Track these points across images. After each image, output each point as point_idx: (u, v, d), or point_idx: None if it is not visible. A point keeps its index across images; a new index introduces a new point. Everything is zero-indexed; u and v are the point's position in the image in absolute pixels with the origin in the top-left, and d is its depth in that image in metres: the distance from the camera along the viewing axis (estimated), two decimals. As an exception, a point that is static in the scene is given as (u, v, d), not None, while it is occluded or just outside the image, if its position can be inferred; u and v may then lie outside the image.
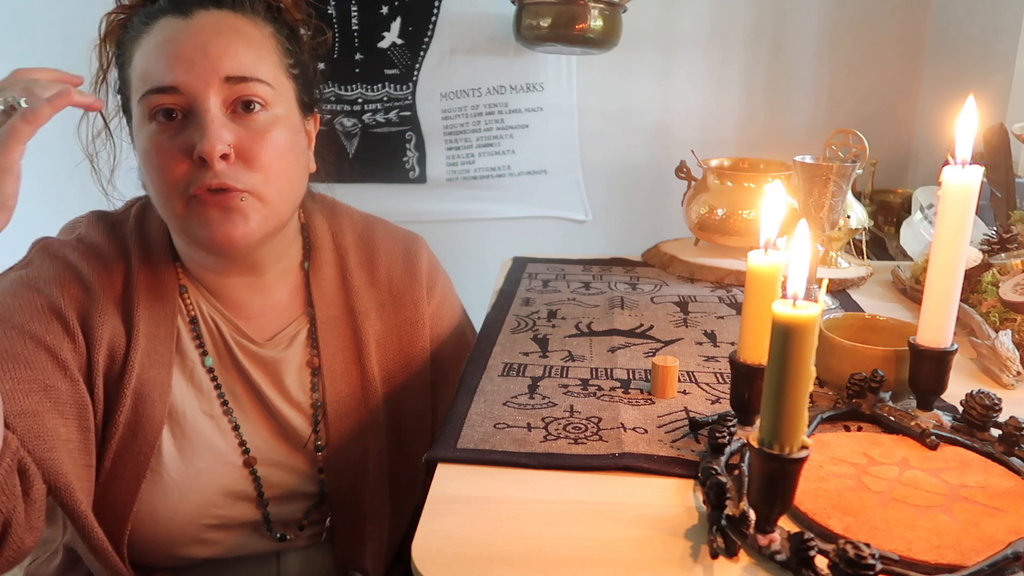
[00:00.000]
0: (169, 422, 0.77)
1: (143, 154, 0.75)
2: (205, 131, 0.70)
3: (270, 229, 0.77)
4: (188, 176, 0.71)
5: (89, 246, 0.80)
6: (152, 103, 0.72)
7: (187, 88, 0.71)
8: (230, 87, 0.72)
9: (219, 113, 0.71)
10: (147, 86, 0.72)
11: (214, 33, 0.73)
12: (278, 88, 0.76)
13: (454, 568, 0.49)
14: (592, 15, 1.72)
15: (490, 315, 0.96)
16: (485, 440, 0.64)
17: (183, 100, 0.71)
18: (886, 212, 1.78)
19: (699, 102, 2.05)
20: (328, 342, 0.85)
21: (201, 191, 0.71)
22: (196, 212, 0.72)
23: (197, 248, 0.79)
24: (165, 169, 0.72)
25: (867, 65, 1.99)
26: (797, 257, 0.48)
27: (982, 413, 0.62)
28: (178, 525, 0.78)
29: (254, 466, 0.81)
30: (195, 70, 0.71)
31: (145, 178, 0.77)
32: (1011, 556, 0.47)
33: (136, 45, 0.75)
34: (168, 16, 0.74)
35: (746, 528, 0.50)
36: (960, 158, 0.59)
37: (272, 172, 0.74)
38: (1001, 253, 0.96)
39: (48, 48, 2.11)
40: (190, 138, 0.71)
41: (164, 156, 0.72)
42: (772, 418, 0.45)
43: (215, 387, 0.81)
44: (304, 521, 0.85)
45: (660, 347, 0.86)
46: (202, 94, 0.71)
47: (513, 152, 2.12)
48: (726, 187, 1.15)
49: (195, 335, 0.80)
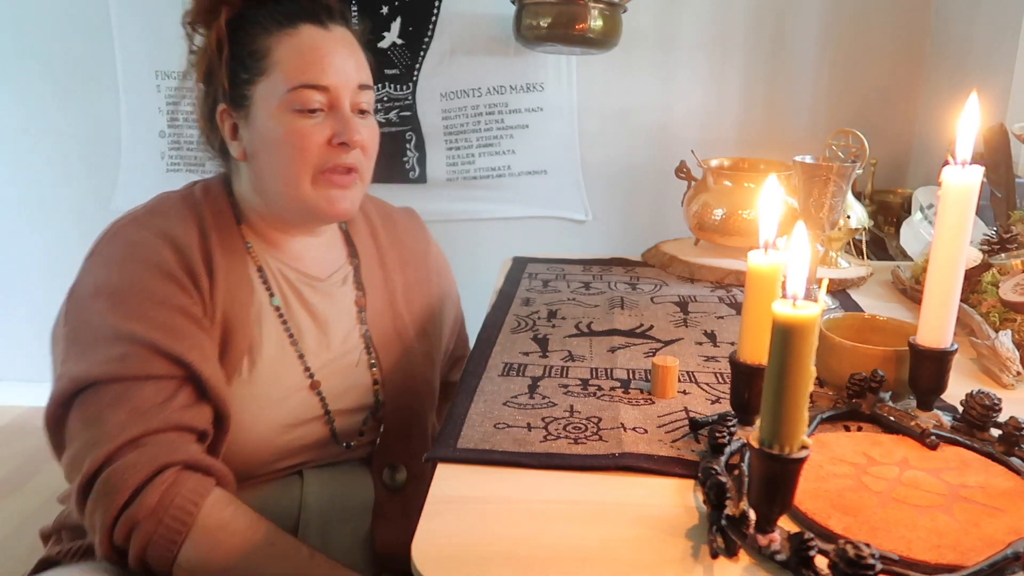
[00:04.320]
0: (248, 352, 0.89)
1: (280, 134, 0.88)
2: (348, 124, 0.88)
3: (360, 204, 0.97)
4: (323, 156, 0.88)
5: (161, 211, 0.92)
6: (305, 96, 0.86)
7: (335, 89, 0.88)
8: (358, 92, 0.90)
9: (350, 111, 0.89)
10: (301, 81, 0.86)
11: (350, 47, 0.91)
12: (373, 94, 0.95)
13: (454, 568, 0.49)
14: (592, 15, 1.72)
15: (490, 315, 0.96)
16: (485, 440, 0.64)
17: (328, 98, 0.88)
18: (886, 212, 1.78)
19: (699, 102, 2.05)
20: (370, 284, 1.03)
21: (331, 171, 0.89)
22: (322, 190, 0.90)
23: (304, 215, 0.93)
24: (306, 149, 0.87)
25: (867, 65, 1.99)
26: (797, 257, 0.48)
27: (982, 413, 0.62)
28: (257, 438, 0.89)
29: (319, 388, 0.94)
30: (342, 75, 0.88)
31: (265, 154, 0.90)
32: (1011, 556, 0.47)
33: (275, 40, 0.88)
34: (310, 24, 0.89)
35: (746, 528, 0.50)
36: (960, 158, 0.59)
37: (372, 160, 0.95)
38: (1001, 253, 0.96)
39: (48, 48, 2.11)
40: (333, 127, 0.88)
41: (307, 139, 0.87)
42: (772, 418, 0.45)
43: (282, 323, 0.93)
44: (363, 428, 0.99)
45: (660, 347, 0.86)
46: (343, 95, 0.88)
47: (513, 152, 2.12)
48: (726, 187, 1.15)
49: (263, 280, 0.94)
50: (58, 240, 2.25)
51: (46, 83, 2.13)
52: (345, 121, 0.88)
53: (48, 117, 2.16)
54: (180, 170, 2.17)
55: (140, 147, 2.16)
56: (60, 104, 2.15)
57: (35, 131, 2.17)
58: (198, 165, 2.16)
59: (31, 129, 2.17)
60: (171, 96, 2.12)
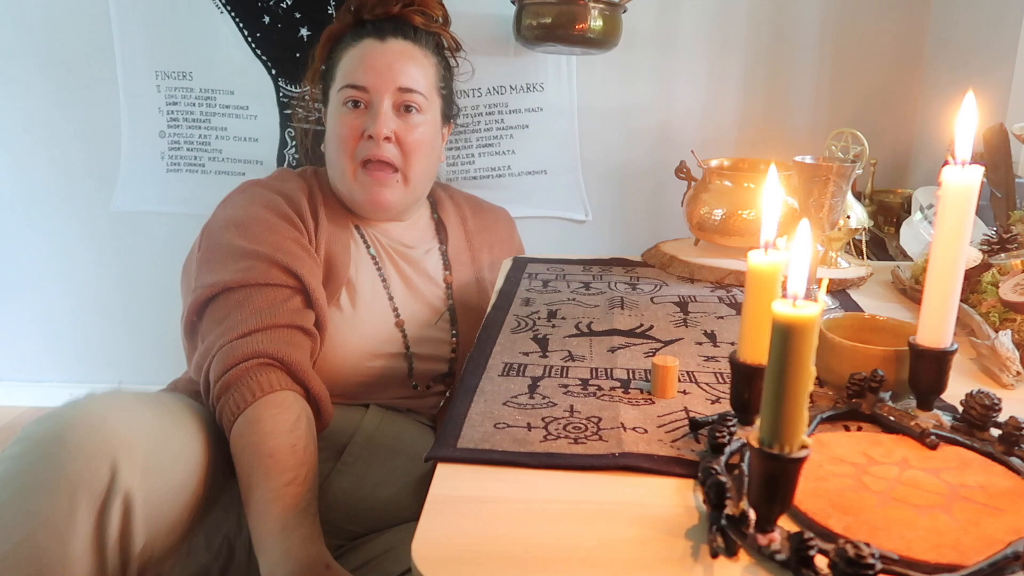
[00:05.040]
0: (347, 286, 1.06)
1: (334, 127, 1.09)
2: (378, 119, 1.05)
3: (409, 202, 1.14)
4: (360, 147, 1.06)
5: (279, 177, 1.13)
6: (348, 94, 1.07)
7: (373, 88, 1.06)
8: (400, 94, 1.07)
9: (389, 109, 1.06)
10: (346, 81, 1.07)
11: (398, 55, 1.08)
12: (430, 100, 1.12)
13: (454, 568, 0.49)
14: (592, 15, 1.72)
15: (490, 315, 0.96)
16: (485, 440, 0.64)
17: (368, 96, 1.07)
18: (886, 212, 1.78)
19: (699, 102, 2.05)
20: (456, 262, 1.19)
21: (367, 159, 1.06)
22: (361, 180, 1.08)
23: (354, 204, 1.12)
24: (346, 139, 1.07)
25: (867, 65, 1.99)
26: (797, 257, 0.48)
27: (982, 413, 0.62)
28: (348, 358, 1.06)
29: (403, 327, 1.11)
30: (381, 78, 1.06)
31: (328, 142, 1.11)
32: (1011, 556, 0.47)
33: (345, 52, 1.11)
34: (371, 38, 1.10)
35: (746, 528, 0.50)
36: (960, 158, 0.59)
37: (415, 155, 1.08)
38: (1001, 253, 0.96)
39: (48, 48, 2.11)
40: (367, 122, 1.06)
41: (347, 130, 1.07)
42: (772, 418, 0.45)
43: (376, 269, 1.11)
44: (431, 382, 1.15)
45: (660, 347, 0.86)
46: (381, 94, 1.06)
47: (513, 152, 2.12)
48: (726, 187, 1.15)
49: (362, 237, 1.13)
50: (58, 240, 2.25)
51: (46, 83, 2.13)
52: (376, 117, 1.05)
53: (48, 117, 2.16)
54: (180, 170, 2.17)
55: (140, 147, 2.16)
56: (60, 104, 2.15)
57: (35, 131, 2.17)
58: (198, 165, 2.16)
59: (31, 129, 2.17)
60: (171, 96, 2.12)
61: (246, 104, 2.09)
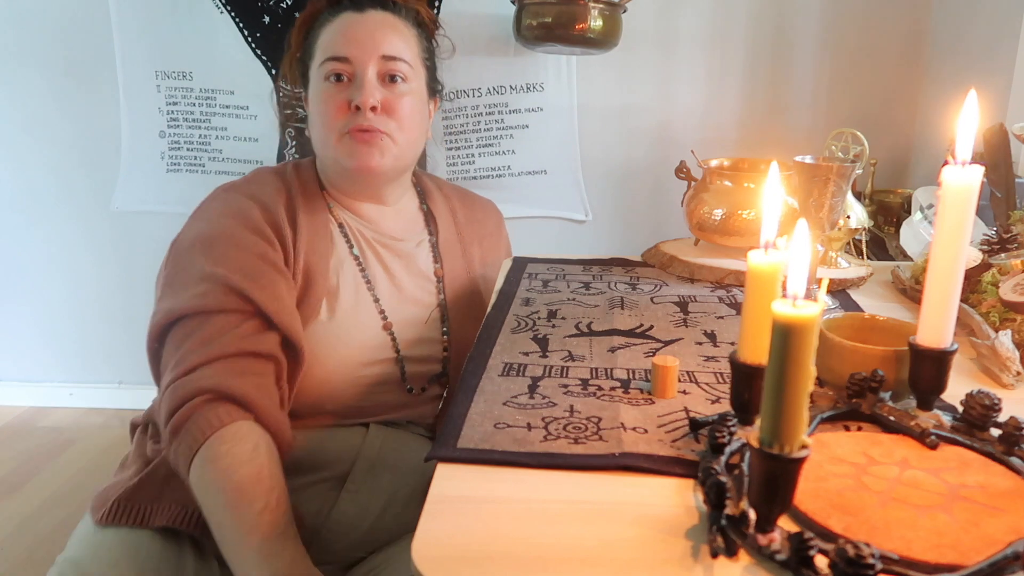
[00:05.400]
0: (327, 295, 1.02)
1: (316, 103, 1.04)
2: (363, 88, 1.00)
3: (398, 167, 1.06)
4: (346, 119, 1.01)
5: (255, 179, 1.08)
6: (330, 68, 1.02)
7: (355, 59, 1.01)
8: (384, 62, 1.02)
9: (373, 78, 1.01)
10: (328, 54, 1.02)
11: (380, 24, 1.04)
12: (415, 69, 1.06)
13: (454, 568, 0.49)
14: (592, 15, 1.72)
15: (490, 315, 0.96)
16: (485, 440, 0.64)
17: (351, 68, 1.01)
18: (886, 212, 1.78)
19: (699, 102, 2.05)
20: (447, 255, 1.14)
21: (353, 131, 1.00)
22: (347, 145, 1.01)
23: (343, 174, 1.06)
24: (330, 113, 1.01)
25: (867, 65, 1.99)
26: (797, 257, 0.48)
27: (982, 413, 0.62)
28: (337, 370, 1.01)
29: (391, 330, 1.06)
30: (363, 48, 1.01)
31: (312, 122, 1.06)
32: (1011, 556, 0.47)
33: (323, 29, 1.05)
34: (349, 11, 1.05)
35: (746, 528, 0.50)
36: (960, 158, 0.59)
37: (404, 123, 1.03)
38: (1001, 253, 0.96)
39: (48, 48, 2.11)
40: (352, 94, 1.01)
41: (332, 104, 1.01)
42: (772, 418, 0.45)
43: (360, 270, 1.06)
44: (427, 385, 1.10)
45: (660, 347, 0.86)
46: (365, 64, 1.01)
47: (513, 152, 2.12)
48: (726, 187, 1.15)
49: (343, 235, 1.07)
50: (58, 240, 2.25)
51: (46, 83, 2.13)
52: (361, 87, 1.00)
53: (48, 117, 2.16)
54: (180, 170, 2.17)
55: (140, 147, 2.16)
56: (60, 104, 2.15)
57: (35, 131, 2.18)
58: (198, 165, 2.16)
59: (31, 129, 2.18)
60: (171, 96, 2.12)
61: (246, 104, 2.09)
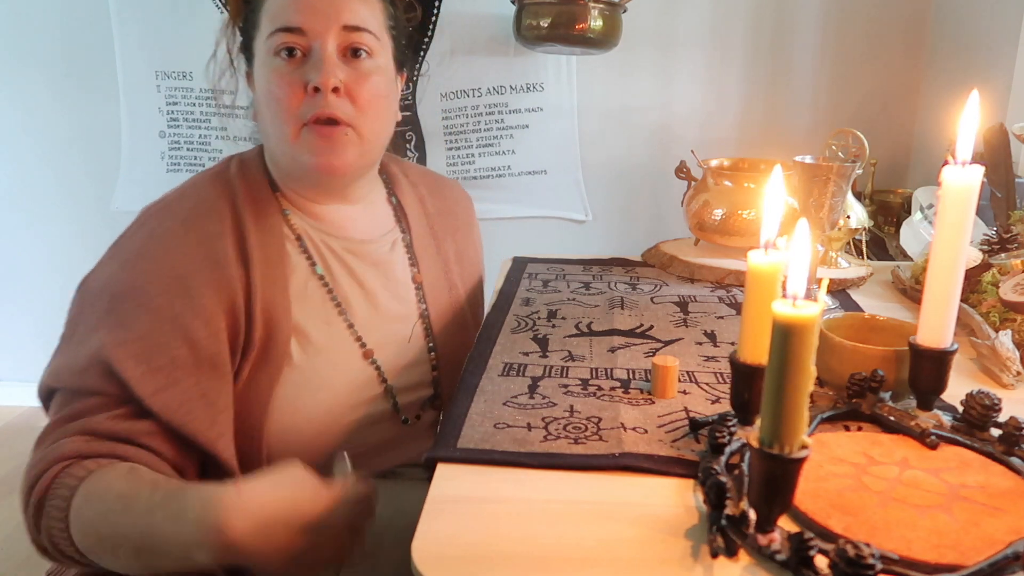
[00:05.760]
0: (295, 333, 0.86)
1: (265, 84, 0.86)
2: (323, 66, 0.83)
3: (364, 163, 0.90)
4: (304, 105, 0.84)
5: (192, 194, 0.88)
6: (279, 40, 0.84)
7: (311, 30, 0.84)
8: (345, 34, 0.85)
9: (334, 54, 0.84)
10: (277, 24, 0.84)
11: None
12: (382, 41, 0.89)
13: (454, 568, 0.49)
14: (592, 15, 1.72)
15: (490, 315, 0.96)
16: (485, 440, 0.64)
17: (305, 41, 0.84)
18: (886, 212, 1.79)
19: (699, 102, 2.05)
20: (423, 257, 1.00)
21: (312, 120, 0.83)
22: (306, 140, 0.85)
23: (301, 173, 0.90)
24: (284, 97, 0.84)
25: (867, 65, 1.99)
26: (797, 257, 0.48)
27: (982, 413, 0.62)
28: (318, 423, 0.87)
29: (372, 357, 0.92)
30: (320, 17, 0.84)
31: (260, 107, 0.89)
32: (1011, 556, 0.47)
33: None
34: None
35: (746, 528, 0.50)
36: (960, 158, 0.59)
37: (370, 110, 0.87)
38: (1001, 253, 0.96)
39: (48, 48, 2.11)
40: (307, 73, 0.83)
41: (284, 86, 0.84)
42: (772, 418, 0.45)
43: (327, 293, 0.90)
44: (421, 412, 0.97)
45: (660, 347, 0.86)
46: (322, 36, 0.84)
47: (513, 152, 2.12)
48: (726, 187, 1.15)
49: (303, 251, 0.90)
50: (58, 241, 2.26)
51: (46, 83, 2.13)
52: (319, 64, 0.83)
53: (48, 117, 2.16)
54: (180, 170, 2.17)
55: (140, 147, 2.16)
56: (60, 104, 2.15)
57: (35, 131, 2.18)
58: (198, 165, 2.16)
59: (31, 129, 2.18)
60: (171, 96, 2.12)
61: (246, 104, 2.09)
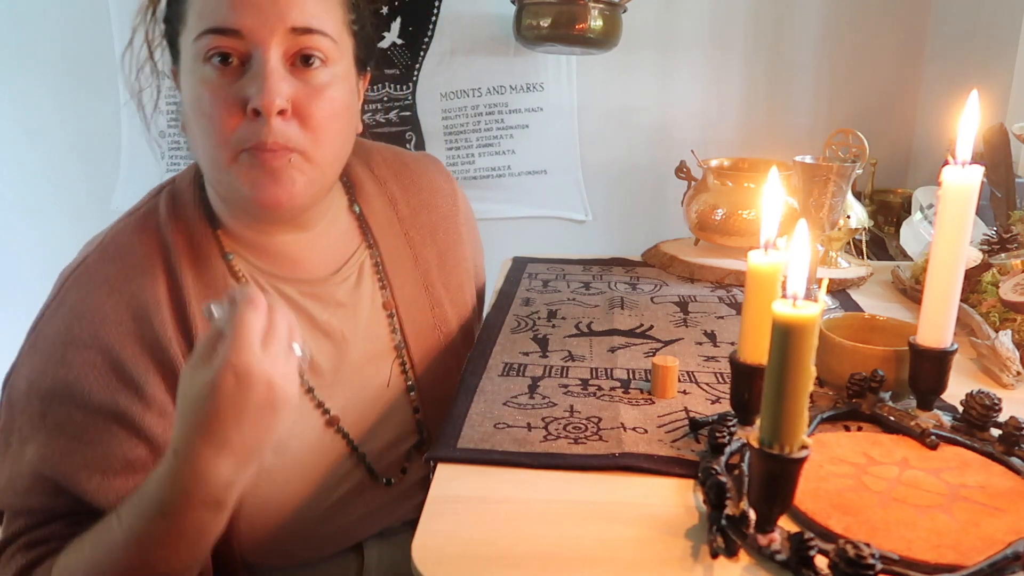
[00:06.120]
0: None
1: (192, 97, 0.70)
2: (264, 83, 0.65)
3: (316, 191, 0.74)
4: (241, 130, 0.67)
5: (115, 253, 0.74)
6: (210, 44, 0.67)
7: (250, 33, 0.66)
8: (294, 38, 0.68)
9: (279, 65, 0.67)
10: (206, 24, 0.67)
11: None
12: (340, 44, 0.72)
13: (454, 568, 0.49)
14: (592, 15, 1.72)
15: (490, 315, 0.96)
16: (485, 440, 0.64)
17: (243, 46, 0.67)
18: (886, 212, 1.78)
19: (699, 102, 2.04)
20: (396, 275, 0.84)
21: (252, 147, 0.67)
22: (243, 169, 0.68)
23: (240, 204, 0.74)
24: (217, 118, 0.67)
25: (867, 65, 1.99)
26: (797, 257, 0.48)
27: (982, 413, 0.62)
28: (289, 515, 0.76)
29: (338, 424, 0.79)
30: (261, 16, 0.66)
31: (188, 121, 0.72)
32: (1011, 556, 0.47)
33: None
34: None
35: (746, 528, 0.50)
36: (960, 158, 0.59)
37: (325, 134, 0.70)
38: (1001, 253, 0.96)
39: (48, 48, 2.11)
40: (245, 88, 0.66)
41: (217, 104, 0.67)
42: (772, 418, 0.45)
43: None
44: (406, 464, 0.84)
45: (660, 347, 0.86)
46: (265, 42, 0.66)
47: (513, 152, 2.12)
48: (726, 187, 1.15)
49: None
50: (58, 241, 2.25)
51: (45, 83, 2.13)
52: (261, 79, 0.66)
53: (47, 117, 2.16)
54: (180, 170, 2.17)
55: (140, 147, 2.16)
56: (59, 104, 2.15)
57: (34, 131, 2.17)
58: (198, 165, 2.16)
59: (30, 129, 2.17)
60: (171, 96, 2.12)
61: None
